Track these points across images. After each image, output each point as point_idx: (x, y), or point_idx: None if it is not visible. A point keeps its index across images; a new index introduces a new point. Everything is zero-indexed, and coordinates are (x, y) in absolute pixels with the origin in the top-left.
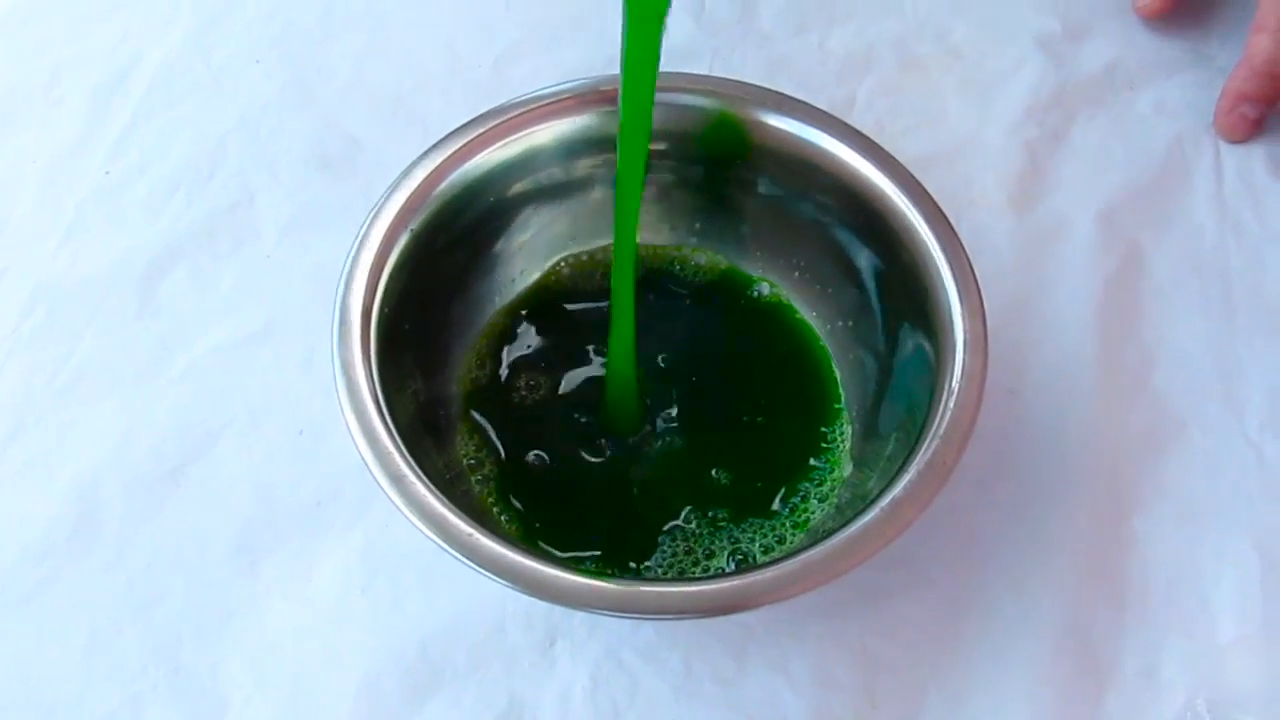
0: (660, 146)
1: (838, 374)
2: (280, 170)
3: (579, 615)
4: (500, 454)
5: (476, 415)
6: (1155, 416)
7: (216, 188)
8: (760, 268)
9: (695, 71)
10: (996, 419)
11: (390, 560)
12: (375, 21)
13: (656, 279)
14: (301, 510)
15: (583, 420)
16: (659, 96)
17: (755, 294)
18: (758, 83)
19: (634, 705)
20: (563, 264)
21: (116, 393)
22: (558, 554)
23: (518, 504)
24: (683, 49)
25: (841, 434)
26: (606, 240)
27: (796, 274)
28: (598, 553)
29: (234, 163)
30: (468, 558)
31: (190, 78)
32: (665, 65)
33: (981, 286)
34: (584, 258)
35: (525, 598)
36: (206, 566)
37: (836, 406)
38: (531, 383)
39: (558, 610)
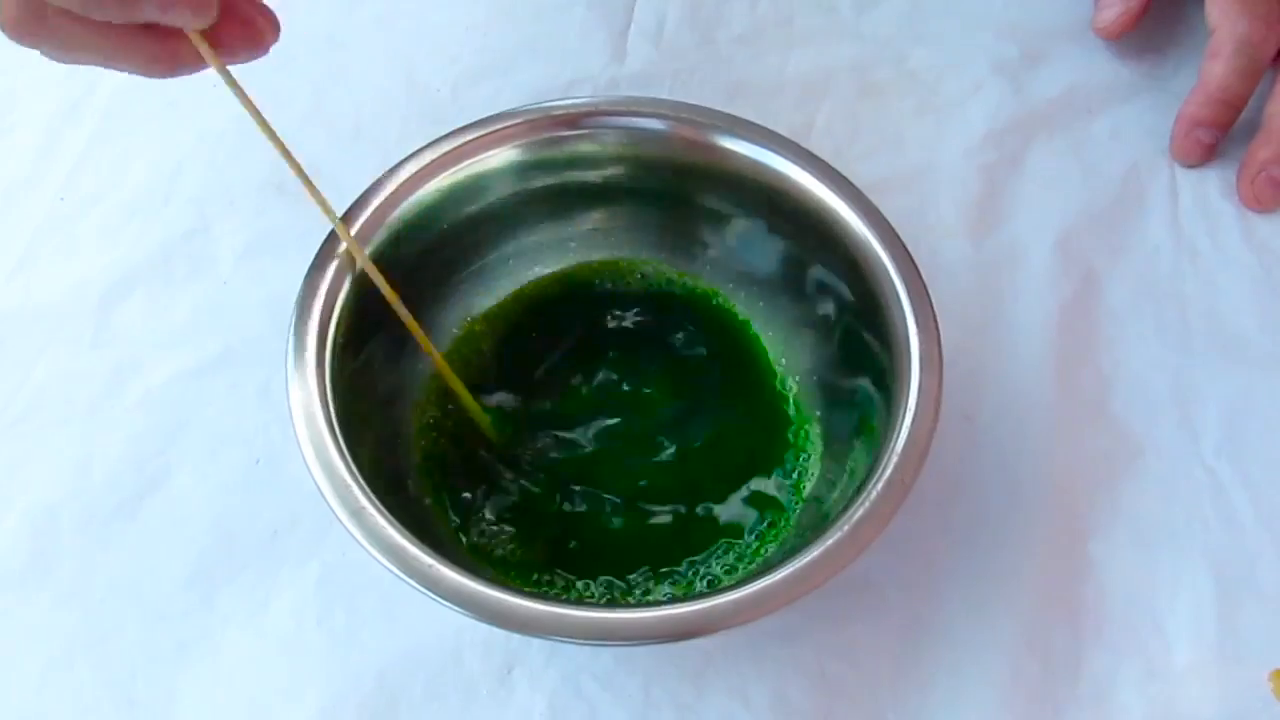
0: (619, 170)
1: (792, 392)
2: (236, 197)
3: (537, 643)
4: (458, 481)
5: (433, 443)
6: (1111, 441)
7: (172, 215)
8: (715, 287)
9: (655, 95)
10: (953, 444)
11: (347, 590)
12: (334, 46)
13: (609, 295)
14: (258, 540)
15: (540, 445)
16: (618, 120)
17: (711, 315)
18: (717, 107)
19: None
20: (518, 289)
21: (71, 422)
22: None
23: (475, 530)
24: (642, 73)
25: (798, 453)
26: (566, 263)
27: (752, 296)
28: (552, 575)
29: (190, 189)
30: (430, 590)
31: (145, 104)
32: (625, 89)
33: (938, 310)
34: (540, 282)
35: (482, 626)
36: (161, 598)
37: (790, 428)
38: (490, 407)
39: (515, 638)
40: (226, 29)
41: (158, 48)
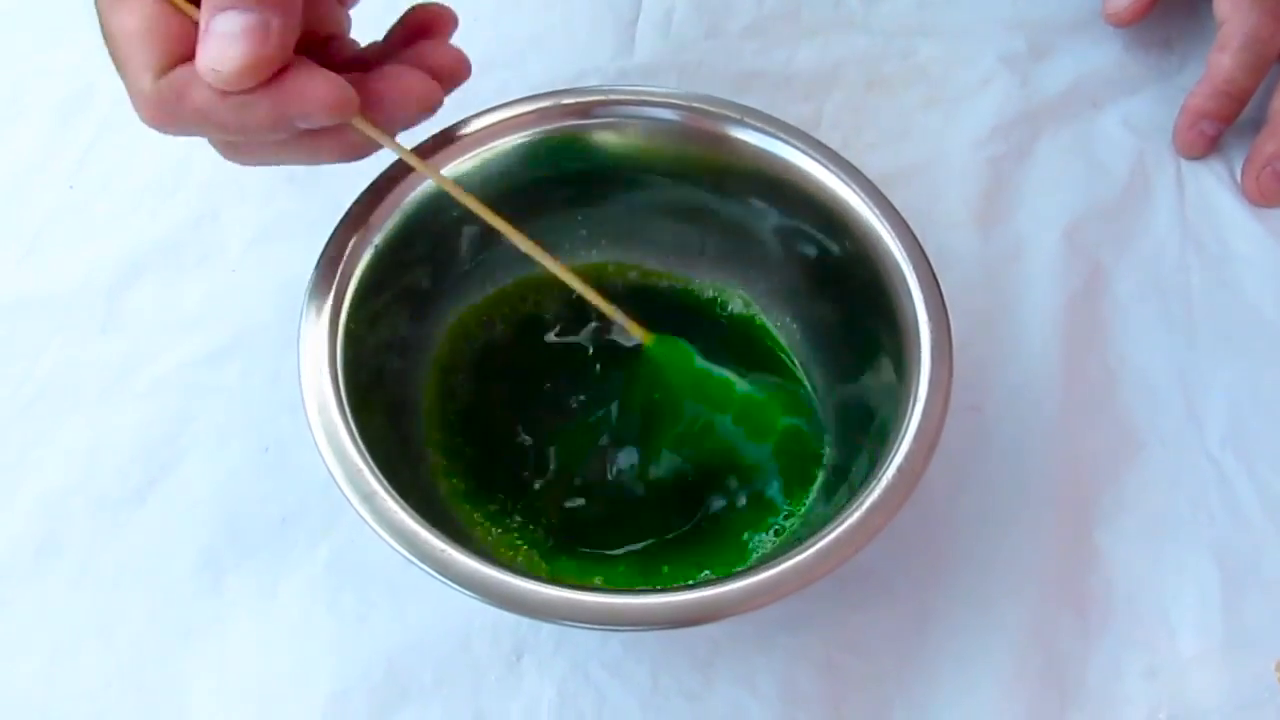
0: (629, 159)
1: (805, 383)
2: (246, 184)
3: (546, 629)
4: (470, 466)
5: (445, 429)
6: (1118, 432)
7: (181, 202)
8: (724, 280)
9: (662, 86)
10: (961, 435)
11: (356, 576)
12: None
13: (625, 285)
14: (267, 527)
15: (553, 433)
16: (629, 109)
17: (722, 308)
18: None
19: (601, 719)
20: (529, 278)
21: (81, 409)
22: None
23: (489, 515)
24: (650, 65)
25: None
26: (572, 253)
27: (761, 287)
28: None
29: (199, 177)
30: (443, 574)
31: None
32: (632, 80)
33: (946, 301)
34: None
35: (491, 612)
36: (170, 584)
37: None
38: (500, 395)
39: (524, 624)
40: (388, 102)
41: (337, 141)
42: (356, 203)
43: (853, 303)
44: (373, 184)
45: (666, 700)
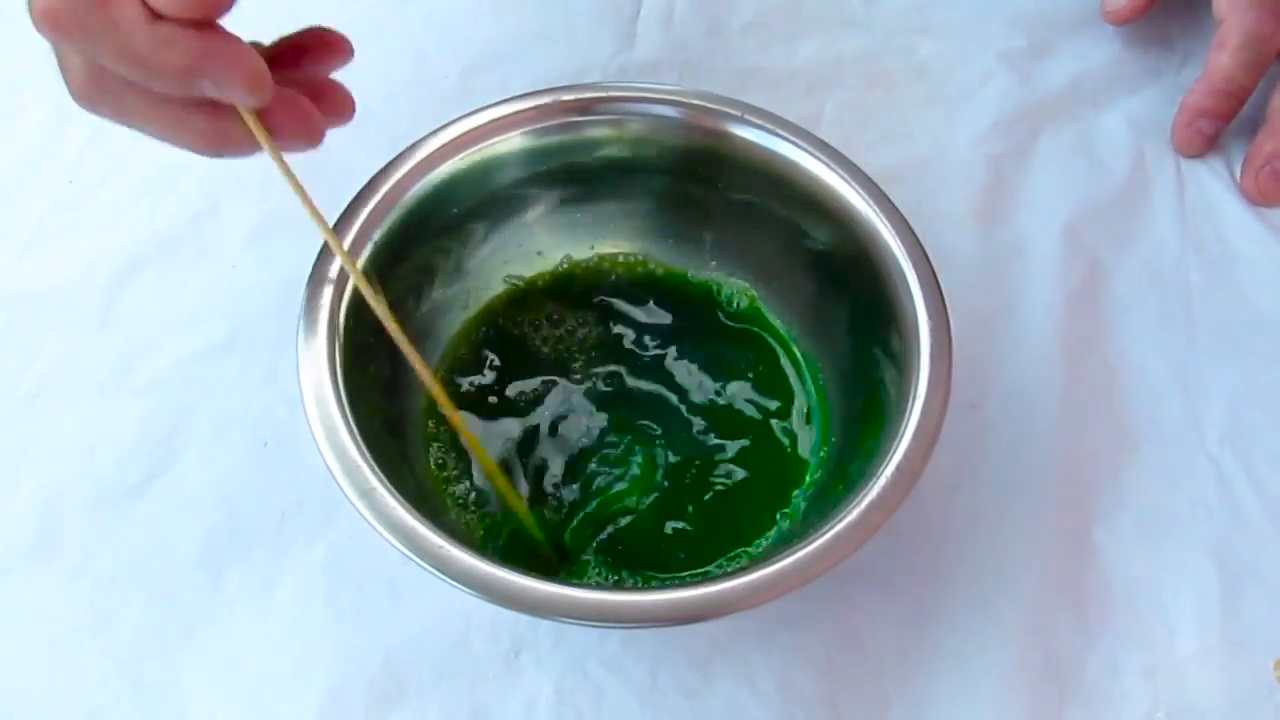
0: (629, 156)
1: (808, 381)
2: (244, 179)
3: (544, 626)
4: (468, 464)
5: (443, 426)
6: (1116, 430)
7: (180, 197)
8: (724, 276)
9: (663, 83)
10: (960, 432)
11: (354, 572)
12: (343, 30)
13: (624, 282)
14: (265, 522)
15: (548, 432)
16: (629, 106)
17: (725, 303)
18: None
19: (599, 716)
20: (527, 273)
21: (79, 404)
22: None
23: (487, 512)
24: (651, 61)
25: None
26: (572, 250)
27: (761, 283)
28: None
29: (198, 172)
30: (441, 570)
31: None
32: (633, 76)
33: (946, 299)
34: (549, 267)
35: (489, 608)
36: (169, 579)
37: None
38: (497, 392)
39: (523, 621)
40: (281, 113)
41: (213, 125)
42: (356, 198)
43: (853, 300)
44: (372, 179)
45: (665, 697)
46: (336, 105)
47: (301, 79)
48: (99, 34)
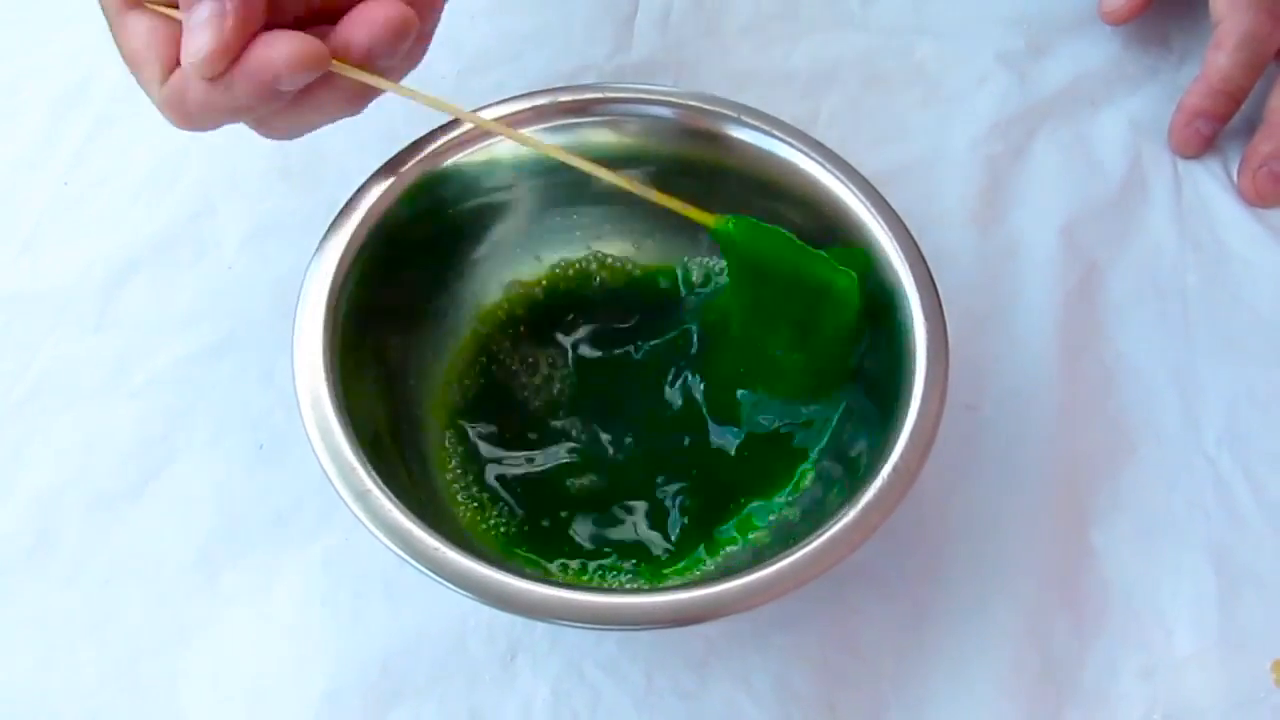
0: (626, 157)
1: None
2: (241, 180)
3: (540, 628)
4: (467, 464)
5: (440, 425)
6: (1114, 431)
7: (177, 198)
8: (720, 275)
9: (660, 84)
10: (957, 434)
11: (351, 574)
12: None
13: (621, 283)
14: (262, 524)
15: (548, 434)
16: (626, 107)
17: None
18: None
19: (595, 719)
20: (524, 275)
21: (75, 406)
22: (540, 559)
23: (486, 515)
24: (648, 62)
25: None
26: (568, 252)
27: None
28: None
29: (195, 173)
30: (436, 573)
31: None
32: (629, 78)
33: (943, 300)
34: (547, 269)
35: (486, 611)
36: (165, 581)
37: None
38: (496, 393)
39: (519, 623)
40: (369, 45)
41: (328, 95)
42: (352, 199)
43: None
44: (368, 180)
45: (661, 699)
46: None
47: None
48: (201, 114)
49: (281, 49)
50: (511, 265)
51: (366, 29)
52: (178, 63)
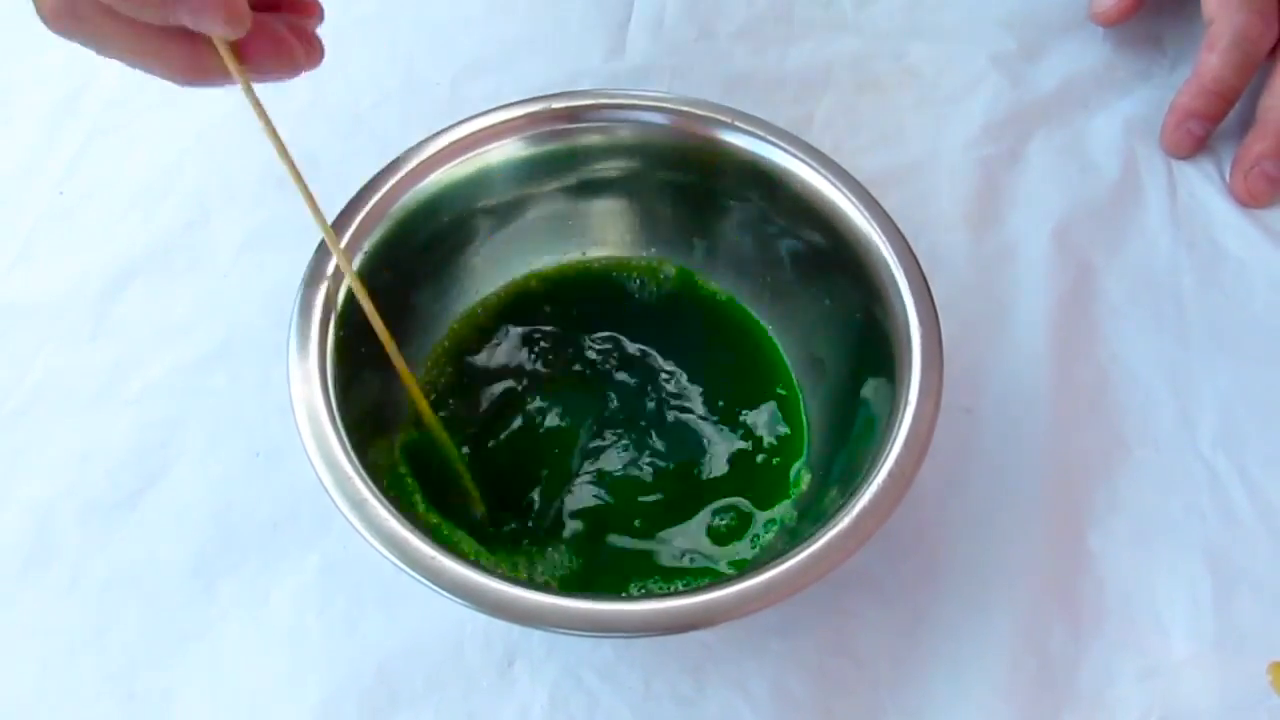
0: (619, 164)
1: (797, 387)
2: (236, 189)
3: (537, 635)
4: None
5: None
6: (1109, 434)
7: (172, 207)
8: (716, 281)
9: (654, 89)
10: (953, 437)
11: (347, 582)
12: (334, 39)
13: (615, 289)
14: (258, 532)
15: (540, 443)
16: (619, 114)
17: (713, 302)
18: (716, 101)
19: None
20: (519, 281)
21: (71, 415)
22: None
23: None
24: (642, 67)
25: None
26: (563, 256)
27: (750, 288)
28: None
29: (189, 181)
30: (432, 581)
31: (144, 96)
32: (625, 83)
33: (937, 303)
34: (540, 274)
35: (483, 618)
36: (162, 590)
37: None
38: (490, 403)
39: (516, 630)
40: (257, 45)
41: (188, 54)
42: (347, 207)
43: (843, 305)
44: (364, 188)
45: (658, 705)
46: (309, 42)
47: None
48: None
49: None
50: (505, 271)
51: (273, 46)
52: None
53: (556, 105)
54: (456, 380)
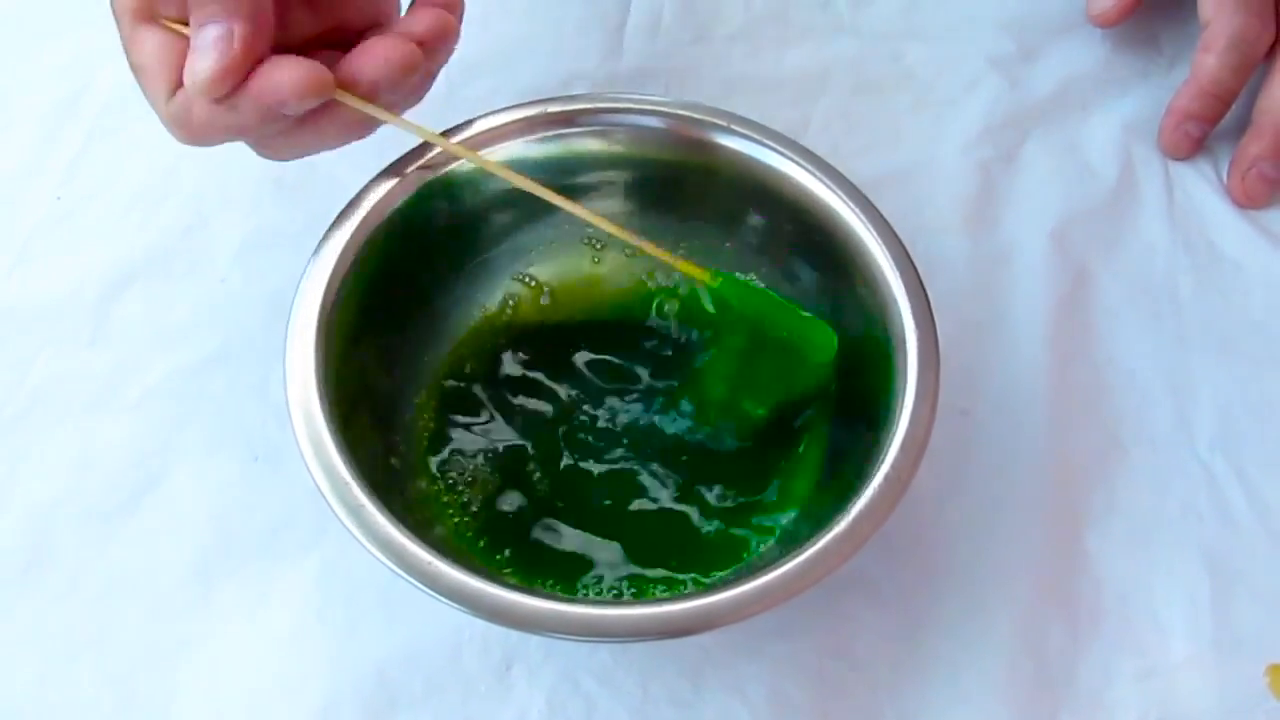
0: (615, 167)
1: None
2: (234, 193)
3: (535, 640)
4: (461, 480)
5: (434, 440)
6: (1107, 435)
7: (170, 211)
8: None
9: (650, 93)
10: (950, 438)
11: (346, 586)
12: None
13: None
14: (257, 537)
15: (541, 444)
16: (615, 118)
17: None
18: (713, 104)
19: None
20: (517, 286)
21: (69, 420)
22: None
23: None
24: (638, 70)
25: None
26: (567, 261)
27: None
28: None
29: (188, 186)
30: (429, 587)
31: (142, 101)
32: (621, 86)
33: (934, 306)
34: (539, 278)
35: (481, 622)
36: (160, 595)
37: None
38: (490, 408)
39: (514, 635)
40: (360, 70)
41: (330, 122)
42: (342, 212)
43: (840, 309)
44: (359, 193)
45: (656, 709)
46: (431, 32)
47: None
48: (204, 133)
49: (287, 74)
50: (508, 274)
51: (374, 63)
52: (181, 82)
53: (553, 109)
54: (456, 392)
